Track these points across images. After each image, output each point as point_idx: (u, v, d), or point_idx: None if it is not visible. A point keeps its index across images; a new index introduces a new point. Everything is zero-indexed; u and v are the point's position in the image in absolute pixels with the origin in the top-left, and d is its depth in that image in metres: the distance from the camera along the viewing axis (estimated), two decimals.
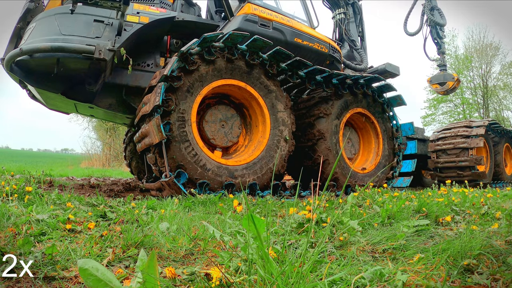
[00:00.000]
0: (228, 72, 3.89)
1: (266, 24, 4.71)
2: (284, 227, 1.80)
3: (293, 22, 5.10)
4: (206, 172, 3.54)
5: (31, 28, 3.86)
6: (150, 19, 4.00)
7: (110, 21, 3.83)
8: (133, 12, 3.97)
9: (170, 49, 4.46)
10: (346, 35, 6.70)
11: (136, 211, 2.16)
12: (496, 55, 24.52)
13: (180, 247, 1.42)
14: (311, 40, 5.15)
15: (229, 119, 4.12)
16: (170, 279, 1.00)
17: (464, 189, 3.79)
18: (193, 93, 3.66)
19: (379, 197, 2.93)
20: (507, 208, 2.38)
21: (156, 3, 4.43)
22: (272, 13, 4.87)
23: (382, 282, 1.00)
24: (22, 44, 3.79)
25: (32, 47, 3.58)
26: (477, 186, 5.32)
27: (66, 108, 5.20)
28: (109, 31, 3.80)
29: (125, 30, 3.84)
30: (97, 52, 3.58)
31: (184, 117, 3.57)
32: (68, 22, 3.75)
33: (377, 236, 1.59)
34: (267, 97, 4.12)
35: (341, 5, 6.83)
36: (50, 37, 3.67)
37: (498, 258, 1.19)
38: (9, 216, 1.74)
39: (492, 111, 24.96)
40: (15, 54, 3.65)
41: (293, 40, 4.91)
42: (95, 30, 3.78)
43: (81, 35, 3.73)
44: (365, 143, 5.26)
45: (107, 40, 3.76)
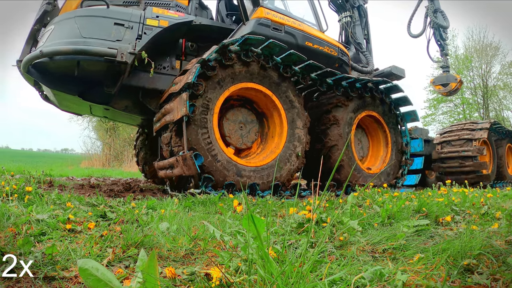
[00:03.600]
0: (259, 78, 4.06)
1: (279, 28, 4.79)
2: (284, 227, 1.80)
3: (304, 26, 5.19)
4: (216, 162, 3.58)
5: (49, 30, 3.89)
6: (169, 23, 4.06)
7: (130, 24, 3.88)
8: (153, 16, 4.02)
9: (185, 52, 4.52)
10: (352, 38, 6.79)
11: (136, 211, 2.16)
12: (496, 55, 24.52)
13: (180, 247, 1.42)
14: (321, 43, 5.25)
15: (248, 123, 4.25)
16: (170, 279, 1.00)
17: (464, 189, 3.79)
18: (223, 86, 3.80)
19: (379, 197, 2.93)
20: (507, 208, 2.38)
21: (172, 6, 4.48)
22: (284, 17, 4.95)
23: (382, 282, 1.00)
24: (40, 46, 3.81)
25: (53, 50, 3.61)
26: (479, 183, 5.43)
27: (80, 110, 5.29)
28: (130, 34, 3.85)
29: (145, 34, 3.89)
30: (119, 55, 3.66)
31: (209, 105, 3.69)
32: (88, 25, 3.78)
33: (377, 236, 1.59)
34: (290, 111, 4.25)
35: (347, 8, 6.92)
36: (70, 39, 3.70)
37: (498, 258, 1.19)
38: (9, 216, 1.74)
39: (492, 111, 24.96)
40: (35, 56, 3.68)
41: (304, 44, 4.99)
42: (116, 33, 3.82)
43: (102, 38, 3.76)
44: (373, 149, 5.41)
45: (128, 43, 3.81)
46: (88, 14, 3.84)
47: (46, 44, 3.75)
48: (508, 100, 24.68)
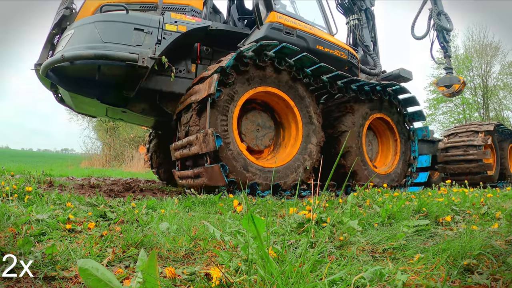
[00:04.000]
0: (286, 87, 4.21)
1: (290, 32, 4.88)
2: (284, 227, 1.80)
3: (315, 30, 5.28)
4: (227, 150, 3.65)
5: (69, 35, 3.94)
6: (187, 28, 4.14)
7: (150, 29, 3.96)
8: (171, 21, 4.10)
9: (201, 55, 4.60)
10: (360, 41, 6.88)
11: (136, 211, 2.16)
12: (496, 55, 24.50)
13: (180, 247, 1.42)
14: (332, 47, 5.34)
15: (265, 128, 4.37)
16: (170, 279, 1.00)
17: (464, 189, 3.79)
18: (251, 84, 3.97)
19: (379, 197, 2.93)
20: (507, 208, 2.38)
21: (188, 11, 4.57)
22: (296, 21, 5.05)
23: (382, 282, 1.00)
24: (60, 50, 3.87)
25: (74, 54, 3.67)
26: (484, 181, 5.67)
27: (96, 112, 5.42)
28: (149, 39, 3.93)
29: (164, 39, 3.97)
30: (140, 60, 3.74)
31: (234, 97, 3.82)
32: (108, 30, 3.86)
33: (377, 236, 1.59)
34: (307, 126, 4.35)
35: (354, 11, 7.00)
36: (91, 44, 3.77)
37: (498, 258, 1.19)
38: (9, 216, 1.74)
39: (492, 111, 24.96)
40: (56, 60, 3.74)
41: (315, 47, 5.07)
42: (136, 38, 3.90)
43: (122, 43, 3.84)
44: (383, 153, 5.55)
45: (148, 48, 3.88)
46: (108, 19, 3.92)
47: (66, 49, 3.81)
48: (508, 100, 24.68)
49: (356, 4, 6.99)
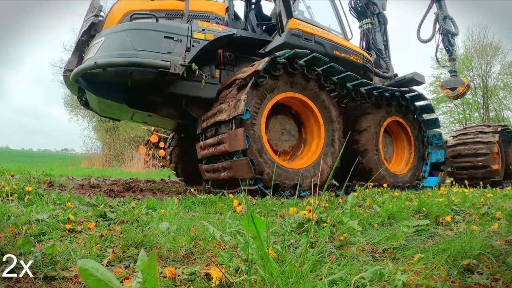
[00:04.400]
0: (312, 94, 4.39)
1: (309, 38, 5.03)
2: (284, 227, 1.80)
3: (332, 35, 5.43)
4: (254, 150, 3.80)
5: (99, 42, 4.05)
6: (214, 36, 4.29)
7: (179, 37, 4.11)
8: (199, 30, 4.24)
9: (224, 61, 4.72)
10: (373, 44, 7.01)
11: (136, 211, 2.16)
12: (496, 55, 24.49)
13: (180, 247, 1.42)
14: (348, 52, 5.50)
15: (289, 134, 4.54)
16: (170, 279, 1.00)
17: (464, 189, 3.79)
18: (280, 88, 4.16)
19: (379, 197, 2.93)
20: (507, 208, 2.38)
21: (212, 18, 4.70)
22: (314, 28, 5.18)
23: (382, 282, 1.00)
24: (91, 57, 4.00)
25: (108, 61, 3.81)
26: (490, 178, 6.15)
27: (122, 116, 5.68)
28: (179, 47, 4.07)
29: (193, 46, 4.14)
30: (172, 68, 3.91)
31: (267, 95, 4.02)
32: (140, 38, 3.99)
33: (377, 236, 1.59)
34: (330, 131, 4.51)
35: (367, 15, 7.13)
36: (123, 52, 3.90)
37: (498, 258, 1.19)
38: (9, 216, 1.74)
39: (492, 111, 24.96)
40: (89, 67, 3.86)
41: (332, 53, 5.22)
42: (166, 46, 4.04)
43: (153, 50, 3.97)
44: (397, 155, 5.75)
45: (178, 55, 4.03)
46: (139, 27, 4.05)
47: (98, 56, 3.93)
48: (508, 100, 24.67)
49: (369, 8, 7.11)
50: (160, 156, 13.16)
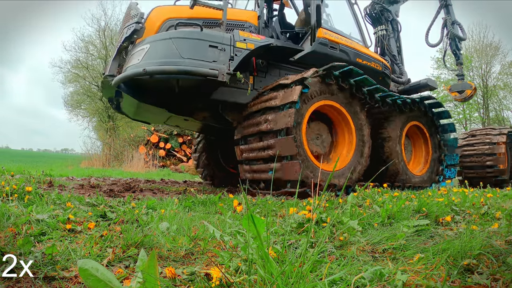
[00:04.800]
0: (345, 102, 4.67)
1: (334, 47, 5.29)
2: (284, 227, 1.80)
3: (354, 44, 5.68)
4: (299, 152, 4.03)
5: (144, 49, 4.16)
6: (255, 45, 4.48)
7: (223, 46, 4.26)
8: (241, 39, 4.42)
9: (257, 68, 4.88)
10: (387, 50, 7.21)
11: (136, 211, 2.16)
12: (496, 55, 24.48)
13: (180, 247, 1.42)
14: (369, 59, 5.78)
15: (322, 138, 4.80)
16: (170, 279, 1.00)
17: (464, 189, 3.79)
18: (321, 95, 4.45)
19: (379, 197, 2.93)
20: (507, 208, 2.38)
21: (246, 27, 4.89)
22: (339, 36, 5.45)
23: (382, 282, 1.00)
24: (136, 63, 4.12)
25: (158, 69, 3.96)
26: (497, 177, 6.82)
27: (156, 120, 5.97)
28: (223, 56, 4.23)
29: (236, 55, 4.31)
30: (220, 76, 4.06)
31: (306, 105, 4.26)
32: (186, 46, 4.11)
33: (377, 236, 1.59)
34: (360, 136, 4.76)
35: (382, 22, 7.33)
36: (170, 59, 4.02)
37: (498, 258, 1.19)
38: (9, 216, 1.74)
39: (492, 111, 24.96)
40: (137, 73, 3.97)
41: (355, 61, 5.48)
42: (211, 54, 4.18)
43: (200, 59, 4.11)
44: (416, 157, 6.08)
45: (222, 64, 4.19)
46: (185, 36, 4.17)
47: (144, 62, 4.03)
48: (508, 100, 24.67)
49: (383, 15, 7.29)
50: (160, 156, 13.16)
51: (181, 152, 13.74)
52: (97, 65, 23.70)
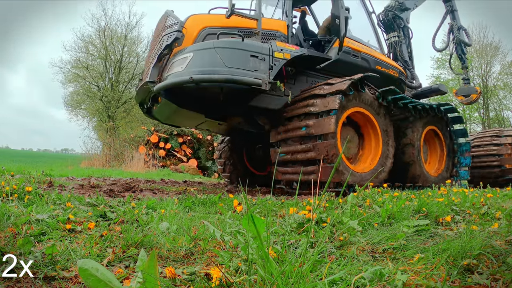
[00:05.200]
0: (373, 109, 4.95)
1: (356, 55, 5.58)
2: (284, 227, 1.80)
3: (373, 52, 5.97)
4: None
5: (187, 57, 4.32)
6: (291, 55, 4.70)
7: (263, 56, 4.47)
8: (278, 49, 4.64)
9: (286, 75, 5.02)
10: (400, 56, 7.42)
11: (136, 211, 2.16)
12: (496, 55, 24.47)
13: (180, 247, 1.42)
14: (387, 66, 6.10)
15: (352, 142, 5.06)
16: (170, 279, 1.00)
17: (464, 189, 3.79)
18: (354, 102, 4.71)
19: (379, 197, 2.93)
20: (507, 208, 2.37)
21: (278, 36, 5.10)
22: (360, 45, 5.72)
23: (382, 282, 1.00)
24: (179, 71, 4.29)
25: (206, 77, 4.14)
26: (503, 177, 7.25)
27: (189, 124, 6.33)
28: (263, 65, 4.44)
29: (274, 65, 4.54)
30: (264, 85, 4.29)
31: (346, 106, 4.55)
32: (230, 56, 4.29)
33: (377, 236, 1.59)
34: (385, 141, 5.06)
35: (394, 28, 7.54)
36: (215, 68, 4.21)
37: (498, 258, 1.19)
38: (9, 216, 1.74)
39: (492, 111, 24.95)
40: (184, 81, 4.14)
41: (375, 68, 5.78)
42: (252, 64, 4.38)
43: (243, 68, 4.31)
44: (431, 159, 6.39)
45: (263, 73, 4.40)
46: (228, 46, 4.35)
47: (189, 70, 4.21)
48: (508, 100, 24.66)
49: (395, 22, 7.50)
50: (160, 156, 13.16)
51: (181, 152, 13.73)
52: (97, 65, 23.70)
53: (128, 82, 24.02)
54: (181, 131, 13.55)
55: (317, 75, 5.50)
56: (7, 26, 46.95)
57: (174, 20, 4.61)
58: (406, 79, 6.77)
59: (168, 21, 4.69)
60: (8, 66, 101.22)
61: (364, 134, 5.17)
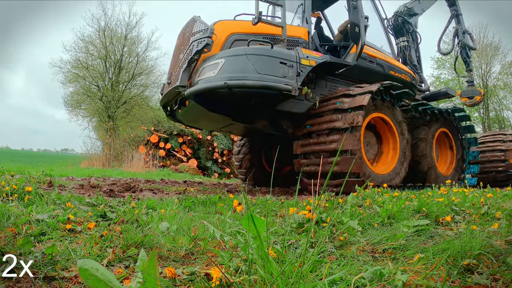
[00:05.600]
0: (391, 114, 5.12)
1: (372, 60, 5.79)
2: (284, 227, 1.80)
3: (387, 57, 6.16)
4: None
5: (219, 63, 4.48)
6: (316, 62, 4.89)
7: (291, 63, 4.65)
8: (304, 56, 4.83)
9: (307, 80, 5.15)
10: (409, 60, 7.60)
11: (136, 211, 2.16)
12: (496, 55, 24.50)
13: (180, 247, 1.42)
14: (400, 71, 6.30)
15: (371, 145, 5.24)
16: (170, 279, 1.00)
17: (464, 189, 3.79)
18: (377, 109, 4.95)
19: (379, 197, 2.93)
20: (507, 208, 2.37)
21: (301, 42, 5.28)
22: (375, 51, 5.93)
23: (382, 282, 1.00)
24: (211, 76, 4.44)
25: (240, 83, 4.32)
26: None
27: (212, 127, 6.55)
28: (291, 72, 4.62)
29: (301, 71, 4.72)
30: (294, 91, 4.48)
31: (365, 116, 4.70)
32: (261, 62, 4.46)
33: (377, 236, 1.59)
34: (402, 143, 5.26)
35: (404, 33, 7.73)
36: (247, 74, 4.37)
37: (498, 258, 1.19)
38: (9, 216, 1.74)
39: (492, 111, 24.95)
40: (218, 86, 4.30)
41: (389, 73, 6.01)
42: (282, 70, 4.55)
43: (273, 74, 4.48)
44: (442, 159, 6.64)
45: (291, 79, 4.58)
46: (258, 53, 4.51)
47: (221, 76, 4.37)
48: (508, 100, 24.67)
49: (405, 26, 7.68)
50: (160, 156, 13.16)
51: (181, 152, 13.73)
52: (97, 65, 23.69)
53: (128, 82, 24.02)
54: (181, 131, 13.53)
55: (335, 80, 5.71)
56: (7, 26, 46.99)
57: (203, 26, 4.74)
58: (417, 83, 6.96)
59: (196, 26, 4.83)
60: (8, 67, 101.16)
61: (383, 138, 5.37)
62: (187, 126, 6.27)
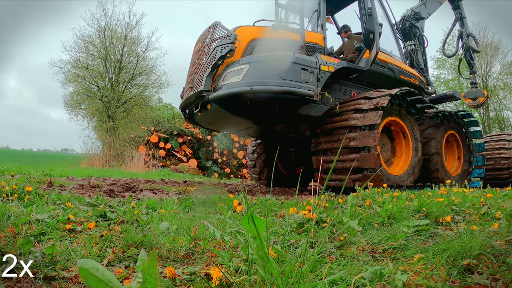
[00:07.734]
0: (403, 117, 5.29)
1: (383, 65, 5.95)
2: (284, 227, 1.80)
3: (397, 62, 6.31)
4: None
5: (243, 69, 4.60)
6: (334, 68, 5.06)
7: (311, 69, 4.80)
8: (323, 62, 4.98)
9: (324, 84, 5.23)
10: (416, 63, 7.72)
11: (136, 211, 2.16)
12: (496, 55, 24.49)
13: (180, 247, 1.42)
14: (410, 75, 6.47)
15: (385, 147, 5.39)
16: (170, 279, 1.00)
17: (464, 189, 3.79)
18: (393, 113, 5.15)
19: (379, 197, 2.93)
20: (507, 208, 2.37)
21: (317, 48, 5.42)
22: (386, 56, 6.09)
23: (382, 282, 1.00)
24: (237, 82, 4.57)
25: (264, 89, 4.45)
26: None
27: (231, 129, 6.78)
28: (312, 77, 4.77)
29: (321, 77, 4.86)
30: (315, 96, 4.65)
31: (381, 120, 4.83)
32: (284, 69, 4.60)
33: (377, 236, 1.59)
34: (415, 144, 5.43)
35: (411, 37, 7.86)
36: (271, 80, 4.51)
37: (498, 258, 1.19)
38: (9, 216, 1.74)
39: (492, 111, 24.94)
40: (244, 91, 4.43)
41: (399, 77, 6.19)
42: (303, 76, 4.70)
43: (296, 80, 4.64)
44: (450, 159, 6.83)
45: (312, 85, 4.73)
46: (282, 59, 4.66)
47: (246, 81, 4.49)
48: (508, 100, 24.67)
49: (412, 30, 7.79)
50: (160, 156, 13.16)
51: (181, 152, 13.72)
52: (97, 65, 23.69)
53: (128, 82, 24.02)
54: (181, 131, 13.53)
55: (348, 84, 5.87)
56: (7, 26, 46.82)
57: (226, 31, 4.83)
58: (425, 86, 7.09)
59: (218, 32, 4.92)
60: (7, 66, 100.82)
61: (396, 141, 5.52)
62: (204, 128, 6.44)
